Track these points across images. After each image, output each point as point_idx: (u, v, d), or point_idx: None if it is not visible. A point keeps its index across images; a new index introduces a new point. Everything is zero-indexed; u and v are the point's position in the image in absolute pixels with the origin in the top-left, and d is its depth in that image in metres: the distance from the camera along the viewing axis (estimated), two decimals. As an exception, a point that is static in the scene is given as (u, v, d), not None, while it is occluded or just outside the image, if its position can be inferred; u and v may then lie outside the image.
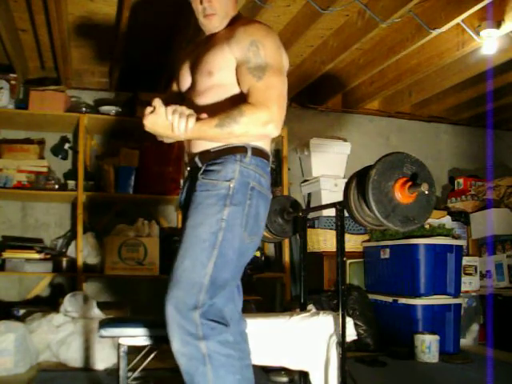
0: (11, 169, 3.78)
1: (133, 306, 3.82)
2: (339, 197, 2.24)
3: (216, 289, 1.62)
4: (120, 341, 2.01)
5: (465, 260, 4.12)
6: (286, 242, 4.24)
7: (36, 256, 3.74)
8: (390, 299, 3.92)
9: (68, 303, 3.27)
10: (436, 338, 3.50)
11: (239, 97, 1.72)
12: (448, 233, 3.95)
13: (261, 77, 1.66)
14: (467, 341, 4.11)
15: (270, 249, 4.57)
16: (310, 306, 2.55)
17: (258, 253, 3.99)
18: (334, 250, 2.29)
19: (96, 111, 4.05)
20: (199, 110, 1.68)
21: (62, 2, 2.95)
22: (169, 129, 1.62)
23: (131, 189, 4.02)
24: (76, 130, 4.02)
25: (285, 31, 3.54)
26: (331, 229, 4.17)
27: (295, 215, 2.60)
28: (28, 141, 4.05)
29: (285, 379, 2.89)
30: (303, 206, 4.25)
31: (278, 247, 4.51)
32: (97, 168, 4.23)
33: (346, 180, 2.13)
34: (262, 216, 1.78)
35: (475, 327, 4.19)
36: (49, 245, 4.08)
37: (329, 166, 4.57)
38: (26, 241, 3.97)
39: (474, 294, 4.24)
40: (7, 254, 3.69)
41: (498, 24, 3.12)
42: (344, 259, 2.24)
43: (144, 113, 1.64)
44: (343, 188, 2.12)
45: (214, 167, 1.73)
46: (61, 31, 3.27)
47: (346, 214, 2.15)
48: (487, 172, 4.97)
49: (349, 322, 2.25)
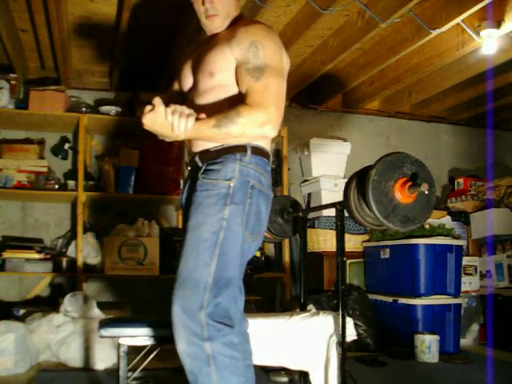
0: (11, 169, 3.78)
1: (133, 306, 3.83)
2: (339, 197, 2.24)
3: (220, 287, 1.63)
4: (120, 341, 2.01)
5: (465, 260, 4.12)
6: (286, 242, 4.24)
7: (36, 256, 3.74)
8: (390, 299, 3.92)
9: (68, 303, 3.27)
10: (436, 338, 3.50)
11: (240, 97, 1.72)
12: (448, 233, 3.95)
13: (259, 77, 1.66)
14: (467, 341, 4.11)
15: (270, 249, 4.57)
16: (310, 306, 2.55)
17: (258, 253, 3.99)
18: (334, 250, 2.29)
19: (96, 111, 4.05)
20: (201, 110, 1.68)
21: (62, 2, 2.95)
22: (167, 128, 1.62)
23: (131, 189, 4.02)
24: (76, 130, 4.02)
25: (285, 31, 3.54)
26: (331, 229, 4.17)
27: (295, 215, 2.60)
28: (28, 141, 4.05)
29: (285, 379, 2.89)
30: (303, 206, 4.25)
31: (278, 247, 4.51)
32: (97, 168, 4.24)
33: (346, 180, 2.13)
34: (264, 214, 1.79)
35: (475, 327, 4.19)
36: (49, 245, 4.08)
37: (329, 166, 4.57)
38: (26, 241, 3.97)
39: (474, 294, 4.24)
40: (7, 254, 3.69)
41: (498, 24, 3.12)
42: (344, 259, 2.24)
43: (143, 111, 1.65)
44: (343, 188, 2.12)
45: (214, 166, 1.73)
46: (61, 31, 3.27)
47: (346, 214, 2.15)
48: (487, 172, 4.96)
49: (349, 322, 2.25)
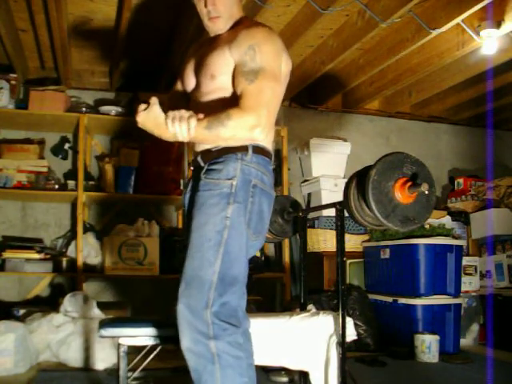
0: (11, 169, 3.78)
1: (133, 306, 3.82)
2: (339, 197, 2.24)
3: (225, 286, 1.64)
4: (120, 341, 2.01)
5: (465, 260, 4.12)
6: (286, 242, 4.24)
7: (36, 256, 3.74)
8: (390, 299, 3.91)
9: (68, 303, 3.27)
10: (436, 338, 3.50)
11: None
12: (448, 233, 3.95)
13: (253, 80, 1.67)
14: (467, 341, 4.11)
15: (270, 249, 4.56)
16: (310, 306, 2.55)
17: (258, 253, 3.99)
18: (334, 250, 2.29)
19: (96, 111, 4.04)
20: (204, 111, 1.69)
21: (62, 2, 2.95)
22: (161, 128, 1.63)
23: (131, 189, 4.02)
24: (76, 130, 4.02)
25: (285, 31, 3.54)
26: (331, 229, 4.17)
27: (295, 215, 2.60)
28: (28, 141, 4.05)
29: (285, 379, 2.89)
30: (303, 206, 4.25)
31: (278, 247, 4.50)
32: (97, 168, 4.24)
33: (346, 180, 2.13)
34: (266, 213, 1.80)
35: (475, 327, 4.19)
36: (49, 245, 4.08)
37: (329, 166, 4.57)
38: (26, 241, 3.97)
39: (474, 294, 4.24)
40: (7, 254, 3.69)
41: (498, 24, 3.12)
42: (344, 259, 2.24)
43: (138, 109, 1.66)
44: (343, 188, 2.12)
45: (216, 166, 1.74)
46: (61, 31, 3.27)
47: (346, 214, 2.15)
48: (487, 172, 4.96)
49: (349, 322, 2.25)
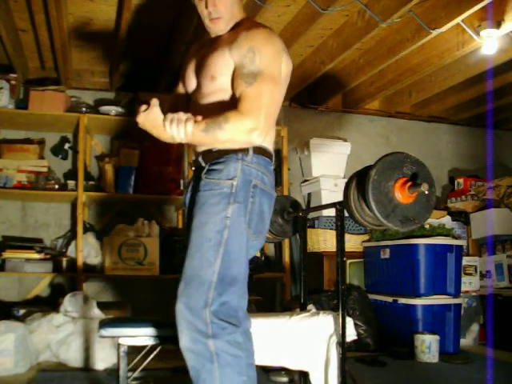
0: (11, 169, 3.78)
1: (133, 306, 3.82)
2: (339, 197, 2.24)
3: (225, 286, 1.64)
4: (120, 341, 2.01)
5: (465, 260, 4.12)
6: (286, 242, 4.24)
7: (36, 256, 3.74)
8: (390, 299, 3.91)
9: (68, 303, 3.27)
10: (436, 338, 3.50)
11: None
12: (448, 233, 3.95)
13: (251, 83, 1.67)
14: (467, 341, 4.11)
15: (270, 249, 4.56)
16: (310, 306, 2.55)
17: (258, 253, 3.99)
18: (334, 250, 2.29)
19: (96, 111, 4.04)
20: (204, 112, 1.70)
21: (62, 2, 2.95)
22: (159, 129, 1.65)
23: (131, 189, 4.02)
24: (76, 130, 4.02)
25: (285, 31, 3.54)
26: (331, 229, 4.17)
27: (295, 215, 2.60)
28: (28, 141, 4.05)
29: (285, 379, 2.89)
30: (303, 206, 4.25)
31: (278, 247, 4.50)
32: (97, 168, 4.24)
33: (346, 180, 2.13)
34: (267, 214, 1.80)
35: (475, 327, 4.19)
36: (49, 245, 4.08)
37: (329, 166, 4.57)
38: (26, 241, 3.97)
39: (474, 294, 4.24)
40: (7, 254, 3.69)
41: (498, 24, 3.12)
42: (344, 259, 2.24)
43: (138, 110, 1.68)
44: (343, 188, 2.12)
45: (217, 166, 1.75)
46: (61, 31, 3.27)
47: (346, 214, 2.15)
48: (487, 172, 4.96)
49: (349, 322, 2.25)
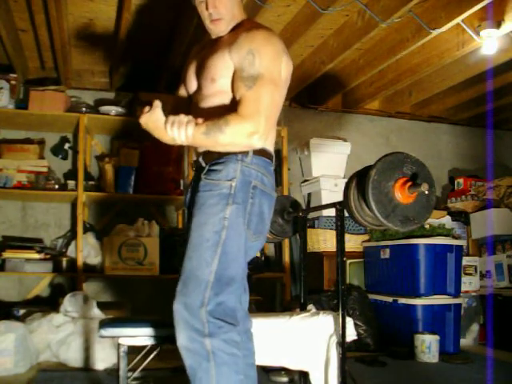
0: (11, 169, 3.78)
1: (133, 306, 3.82)
2: (339, 197, 2.24)
3: (222, 286, 1.65)
4: (120, 341, 2.01)
5: (465, 260, 4.12)
6: (286, 242, 4.24)
7: (36, 256, 3.74)
8: (390, 299, 3.91)
9: (68, 303, 3.27)
10: (436, 338, 3.50)
11: None
12: (448, 233, 3.95)
13: (251, 86, 1.68)
14: (467, 341, 4.11)
15: (270, 249, 4.56)
16: (310, 306, 2.55)
17: (258, 253, 3.98)
18: (334, 250, 2.29)
19: (96, 111, 4.04)
20: (205, 114, 1.71)
21: (62, 2, 2.95)
22: (160, 131, 1.66)
23: (131, 189, 4.02)
24: (76, 130, 4.02)
25: (285, 31, 3.54)
26: (331, 229, 4.17)
27: (295, 215, 2.60)
28: (28, 141, 4.05)
29: (285, 379, 2.89)
30: (303, 206, 4.25)
31: (278, 247, 4.50)
32: (97, 168, 4.24)
33: (346, 180, 2.13)
34: (267, 214, 1.80)
35: (475, 327, 4.19)
36: (49, 245, 4.08)
37: (329, 166, 4.57)
38: (26, 241, 3.97)
39: (474, 294, 4.24)
40: (7, 254, 3.69)
41: (498, 24, 3.12)
42: (344, 259, 2.24)
43: (142, 111, 1.69)
44: (343, 188, 2.12)
45: (216, 167, 1.75)
46: (61, 31, 3.27)
47: (346, 214, 2.15)
48: (487, 172, 4.96)
49: (349, 322, 2.25)
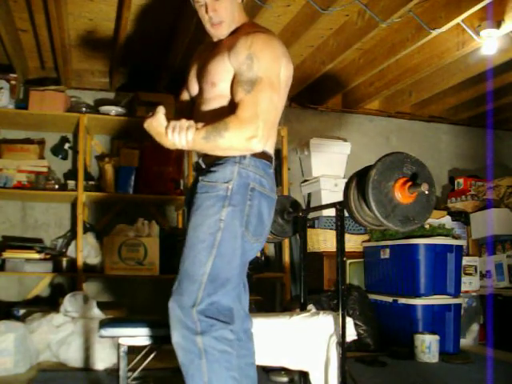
0: (11, 169, 3.78)
1: (133, 306, 3.83)
2: (339, 197, 2.24)
3: (215, 287, 1.66)
4: (120, 341, 2.01)
5: (465, 260, 4.12)
6: (286, 242, 4.24)
7: (36, 256, 3.74)
8: (390, 299, 3.91)
9: (68, 303, 3.27)
10: (436, 338, 3.50)
11: None
12: (448, 233, 3.95)
13: (249, 91, 1.68)
14: (467, 341, 4.11)
15: (270, 249, 4.57)
16: (310, 306, 2.55)
17: (258, 253, 3.97)
18: (334, 250, 2.29)
19: (96, 111, 4.04)
20: (206, 117, 1.73)
21: (62, 2, 2.95)
22: (160, 136, 1.68)
23: (131, 189, 4.02)
24: (76, 130, 4.02)
25: (285, 31, 3.54)
26: (331, 229, 4.17)
27: (295, 215, 2.60)
28: (28, 141, 4.05)
29: (285, 379, 2.89)
30: (303, 206, 4.25)
31: (278, 247, 4.50)
32: (97, 168, 4.24)
33: (346, 180, 2.13)
34: (266, 216, 1.80)
35: (475, 327, 4.19)
36: (49, 245, 4.08)
37: (329, 166, 4.57)
38: (26, 241, 3.97)
39: (474, 294, 4.24)
40: (7, 254, 3.68)
41: (498, 24, 3.12)
42: (344, 259, 2.24)
43: (147, 115, 1.72)
44: (343, 188, 2.12)
45: (215, 168, 1.76)
46: (61, 31, 3.27)
47: (346, 214, 2.15)
48: (487, 172, 4.96)
49: (349, 322, 2.25)
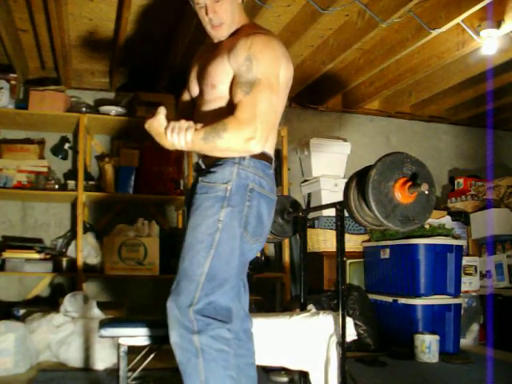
0: (11, 169, 3.78)
1: (133, 306, 3.83)
2: (339, 197, 2.24)
3: (213, 287, 1.67)
4: (120, 341, 2.01)
5: (465, 260, 4.12)
6: (286, 242, 4.24)
7: (36, 256, 3.74)
8: (390, 299, 3.91)
9: (68, 303, 3.27)
10: (436, 338, 3.50)
11: None
12: (448, 233, 3.94)
13: (248, 92, 1.68)
14: (467, 341, 4.11)
15: (270, 249, 4.57)
16: (310, 306, 2.55)
17: (258, 253, 3.97)
18: (334, 250, 2.29)
19: (96, 111, 4.04)
20: (207, 118, 1.73)
21: (62, 2, 2.95)
22: (160, 137, 1.69)
23: (131, 189, 4.02)
24: (76, 130, 4.02)
25: (285, 31, 3.54)
26: (331, 229, 4.17)
27: (295, 215, 2.60)
28: (28, 141, 4.05)
29: (285, 379, 2.89)
30: (303, 206, 4.25)
31: (278, 247, 4.50)
32: (97, 168, 4.24)
33: (346, 180, 2.13)
34: (266, 216, 1.81)
35: (475, 327, 4.19)
36: (49, 245, 4.08)
37: (329, 166, 4.57)
38: (26, 241, 3.97)
39: (474, 294, 4.24)
40: (7, 254, 3.68)
41: (498, 24, 3.12)
42: (344, 259, 2.24)
43: (148, 116, 1.72)
44: (343, 188, 2.12)
45: (214, 169, 1.76)
46: (61, 31, 3.27)
47: (346, 214, 2.15)
48: (487, 172, 4.97)
49: (349, 322, 2.25)
